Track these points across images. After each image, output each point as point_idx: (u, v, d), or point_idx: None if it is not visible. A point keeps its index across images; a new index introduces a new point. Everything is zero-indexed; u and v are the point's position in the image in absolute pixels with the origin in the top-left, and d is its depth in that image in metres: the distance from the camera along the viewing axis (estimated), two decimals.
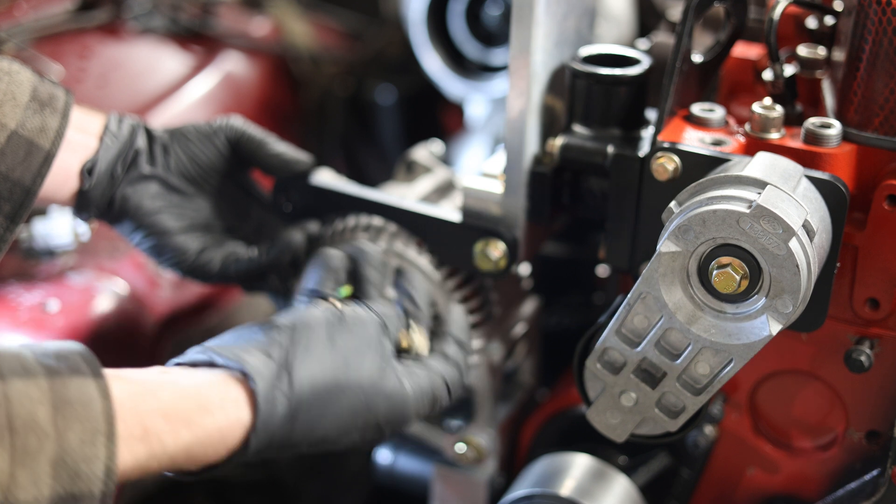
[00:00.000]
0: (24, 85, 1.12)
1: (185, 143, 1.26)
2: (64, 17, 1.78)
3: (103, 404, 0.80)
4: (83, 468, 0.78)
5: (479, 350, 1.28)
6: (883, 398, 1.13)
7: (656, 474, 1.27)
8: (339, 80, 2.09)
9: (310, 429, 0.96)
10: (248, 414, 0.92)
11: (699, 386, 1.01)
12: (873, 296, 1.07)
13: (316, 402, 0.96)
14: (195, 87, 1.82)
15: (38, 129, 1.11)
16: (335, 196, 1.29)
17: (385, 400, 1.02)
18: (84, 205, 1.21)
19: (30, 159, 1.11)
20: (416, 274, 1.21)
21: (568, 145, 1.18)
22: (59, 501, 0.77)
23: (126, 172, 1.22)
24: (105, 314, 1.42)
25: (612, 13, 1.54)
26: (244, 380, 0.93)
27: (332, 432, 0.99)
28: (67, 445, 0.77)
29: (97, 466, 0.78)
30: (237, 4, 2.10)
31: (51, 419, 0.77)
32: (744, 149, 1.07)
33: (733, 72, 1.23)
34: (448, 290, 1.25)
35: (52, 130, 1.12)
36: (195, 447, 0.88)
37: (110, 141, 1.20)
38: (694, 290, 0.97)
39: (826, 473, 1.20)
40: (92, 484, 0.78)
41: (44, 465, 0.76)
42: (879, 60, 1.02)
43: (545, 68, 1.18)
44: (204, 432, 0.88)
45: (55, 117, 1.13)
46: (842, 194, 0.99)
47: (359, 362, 1.01)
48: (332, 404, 0.98)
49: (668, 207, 0.99)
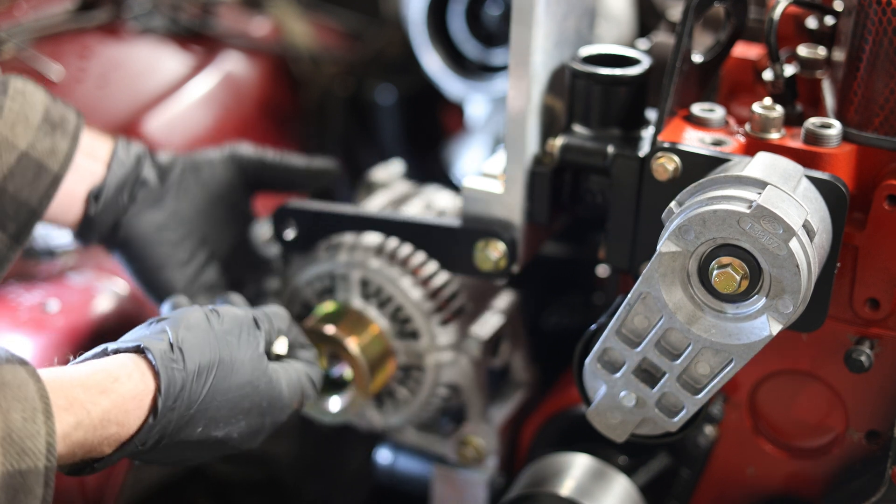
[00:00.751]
0: (38, 106, 1.13)
1: (195, 171, 1.28)
2: (64, 17, 1.78)
3: (36, 385, 0.84)
4: (28, 444, 0.81)
5: (454, 346, 1.28)
6: (883, 398, 1.13)
7: (656, 474, 1.27)
8: (339, 80, 2.09)
9: (204, 402, 0.99)
10: (152, 381, 0.95)
11: (699, 386, 1.01)
12: (873, 296, 1.07)
13: (208, 376, 1.00)
14: (195, 87, 1.82)
15: (48, 151, 1.13)
16: (334, 217, 1.30)
17: (266, 384, 1.06)
18: (87, 230, 1.23)
19: (38, 181, 1.12)
20: None
21: (568, 145, 1.18)
22: (8, 478, 0.80)
23: (131, 201, 1.23)
24: (105, 314, 1.42)
25: (612, 13, 1.54)
26: (143, 354, 0.97)
27: (224, 409, 1.01)
28: (12, 424, 0.81)
29: (39, 442, 0.82)
30: (237, 4, 2.09)
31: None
32: (744, 149, 1.07)
33: (733, 72, 1.23)
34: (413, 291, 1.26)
35: (61, 153, 1.14)
36: (113, 412, 0.91)
37: (118, 168, 1.22)
38: (694, 290, 0.97)
39: (826, 473, 1.20)
40: (37, 459, 0.82)
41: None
42: (879, 60, 1.02)
43: (545, 68, 1.18)
44: (120, 397, 0.92)
45: (65, 140, 1.14)
46: (842, 194, 0.99)
47: (238, 345, 1.04)
48: (222, 380, 1.01)
49: (669, 207, 0.99)
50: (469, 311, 1.31)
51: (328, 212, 1.31)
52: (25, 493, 0.82)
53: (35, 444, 0.82)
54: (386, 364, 1.27)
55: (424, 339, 1.27)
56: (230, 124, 1.82)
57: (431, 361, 1.28)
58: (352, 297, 1.28)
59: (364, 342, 1.24)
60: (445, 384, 1.30)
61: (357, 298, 1.28)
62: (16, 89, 1.12)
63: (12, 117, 1.10)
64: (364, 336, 1.25)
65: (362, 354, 1.23)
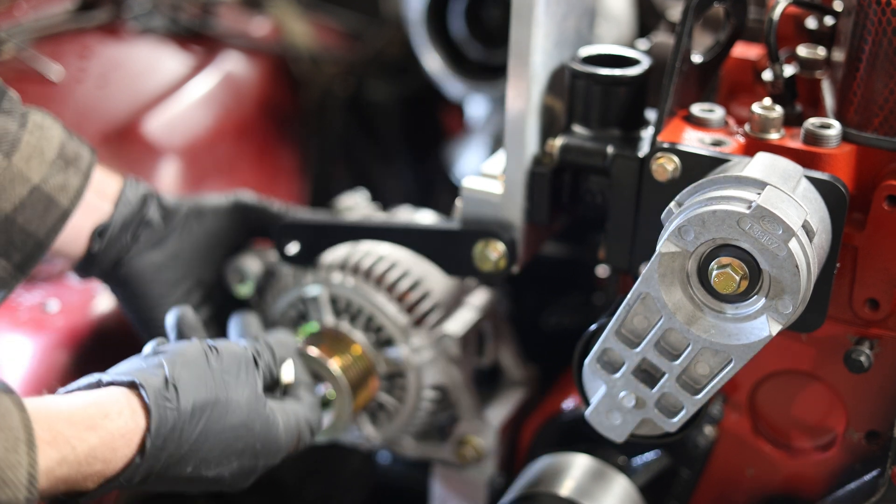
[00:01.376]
0: (54, 141, 1.15)
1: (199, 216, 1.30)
2: (64, 17, 1.78)
3: (20, 415, 0.83)
4: (9, 475, 0.80)
5: (429, 345, 1.28)
6: (883, 398, 1.13)
7: (656, 474, 1.27)
8: (339, 80, 2.09)
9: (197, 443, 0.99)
10: (143, 419, 0.94)
11: (699, 386, 1.01)
12: (873, 296, 1.07)
13: (202, 415, 0.99)
14: (195, 87, 1.82)
15: (59, 186, 1.14)
16: (334, 228, 1.32)
17: (262, 425, 1.05)
18: (88, 265, 1.24)
19: (47, 215, 1.14)
20: None
21: (567, 146, 1.18)
22: None
23: (134, 241, 1.24)
24: (105, 314, 1.42)
25: (612, 13, 1.54)
26: (136, 390, 0.96)
27: (217, 450, 1.01)
28: None
29: (21, 473, 0.81)
30: (237, 4, 2.09)
31: None
32: (743, 149, 1.07)
33: (733, 72, 1.23)
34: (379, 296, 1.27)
35: (72, 189, 1.16)
36: (100, 450, 0.90)
37: (124, 207, 1.23)
38: (694, 290, 0.97)
39: (826, 473, 1.20)
40: (17, 490, 0.81)
41: None
42: (879, 60, 1.02)
43: (545, 69, 1.18)
44: (108, 434, 0.91)
45: (77, 177, 1.16)
46: (841, 194, 0.99)
47: (235, 385, 1.04)
48: (216, 421, 1.01)
49: (668, 208, 0.98)
50: (442, 309, 1.31)
51: (328, 224, 1.33)
52: None
53: (16, 476, 0.81)
54: (368, 382, 1.28)
55: (400, 343, 1.28)
56: (230, 124, 1.82)
57: (411, 365, 1.28)
58: (324, 316, 1.29)
59: (346, 363, 1.26)
60: (430, 386, 1.30)
61: (329, 316, 1.29)
62: (35, 123, 1.14)
63: (28, 151, 1.12)
64: (346, 356, 1.27)
65: (344, 375, 1.24)
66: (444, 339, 1.28)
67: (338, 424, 1.27)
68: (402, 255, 1.30)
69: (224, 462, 1.03)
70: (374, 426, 1.34)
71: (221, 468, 1.03)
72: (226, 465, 1.03)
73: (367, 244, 1.31)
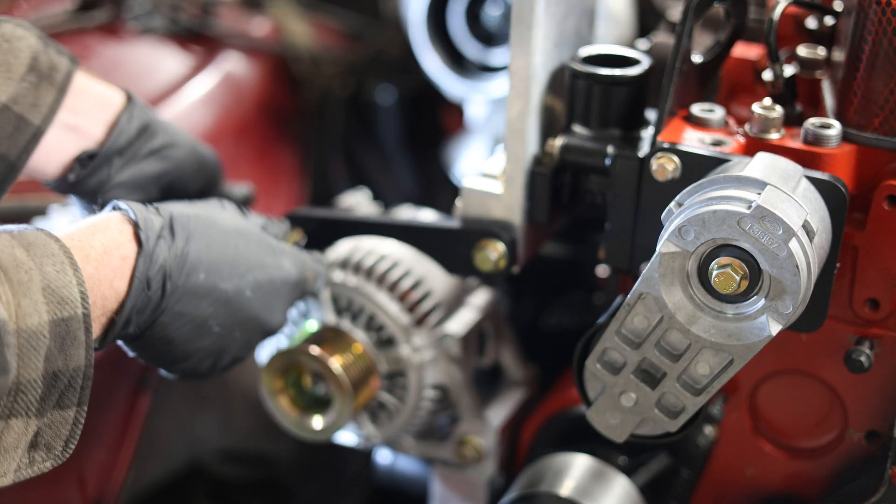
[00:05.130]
0: (23, 54, 1.08)
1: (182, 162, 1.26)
2: (64, 17, 1.78)
3: (58, 243, 0.90)
4: (65, 293, 0.87)
5: (431, 345, 1.28)
6: (883, 398, 1.13)
7: (656, 474, 1.27)
8: (339, 80, 2.09)
9: (196, 244, 1.04)
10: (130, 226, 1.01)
11: (699, 386, 1.01)
12: (873, 296, 1.07)
13: (187, 221, 1.05)
14: (195, 88, 1.82)
15: (30, 104, 1.09)
16: (340, 223, 1.32)
17: (259, 239, 1.11)
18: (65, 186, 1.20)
19: (17, 135, 1.08)
20: None
21: (568, 146, 1.18)
22: (54, 326, 0.86)
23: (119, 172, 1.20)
24: None
25: (612, 13, 1.54)
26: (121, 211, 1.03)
27: (220, 256, 1.06)
28: (48, 276, 0.86)
29: (73, 291, 0.88)
30: (237, 4, 2.09)
31: (28, 257, 0.86)
32: (744, 149, 1.07)
33: (733, 72, 1.23)
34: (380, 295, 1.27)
35: (44, 106, 1.10)
36: (111, 245, 0.97)
37: (118, 138, 1.18)
38: (694, 290, 0.97)
39: (826, 473, 1.20)
40: (75, 306, 0.88)
41: (37, 293, 0.85)
42: (879, 60, 1.02)
43: (545, 69, 1.18)
44: (111, 234, 0.98)
45: (50, 92, 1.10)
46: (841, 194, 0.99)
47: (219, 210, 1.11)
48: (205, 226, 1.06)
49: (668, 208, 0.98)
50: (444, 309, 1.31)
51: (334, 218, 1.33)
52: (71, 339, 0.87)
53: (70, 293, 0.88)
54: (369, 381, 1.28)
55: (401, 343, 1.28)
56: (230, 124, 1.82)
57: (412, 364, 1.28)
58: (325, 314, 1.29)
59: (347, 361, 1.26)
60: (431, 385, 1.30)
61: (331, 315, 1.29)
62: (2, 35, 1.07)
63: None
64: (347, 355, 1.27)
65: (345, 373, 1.24)
66: (446, 338, 1.28)
67: (338, 423, 1.27)
68: (404, 254, 1.30)
69: (236, 272, 1.07)
70: (375, 425, 1.34)
71: (236, 280, 1.07)
72: (240, 277, 1.07)
73: (369, 242, 1.31)
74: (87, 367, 0.89)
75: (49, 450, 0.89)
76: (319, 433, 1.28)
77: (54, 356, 0.86)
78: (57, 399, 0.88)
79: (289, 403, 1.29)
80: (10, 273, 0.84)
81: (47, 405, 0.87)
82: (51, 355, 0.85)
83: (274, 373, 1.28)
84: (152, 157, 1.22)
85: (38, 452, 0.88)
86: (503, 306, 1.45)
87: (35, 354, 0.84)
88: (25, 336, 0.83)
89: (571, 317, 1.51)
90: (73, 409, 0.90)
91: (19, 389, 0.84)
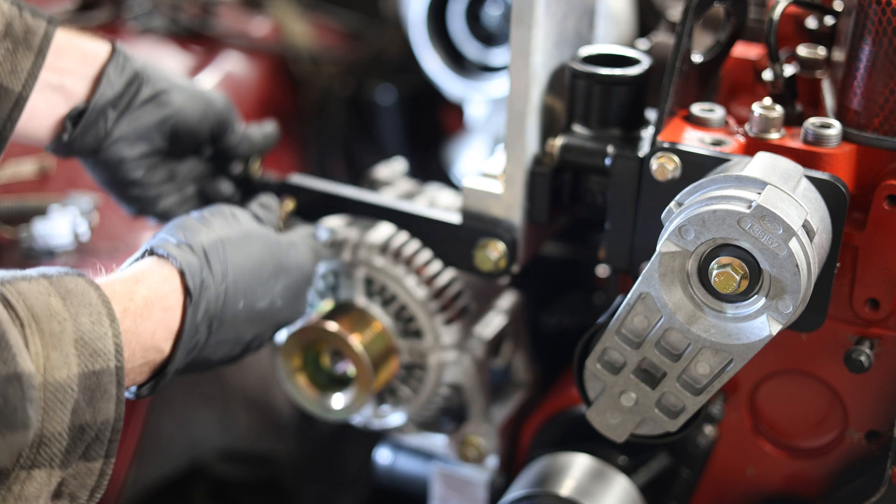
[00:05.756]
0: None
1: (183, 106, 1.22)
2: (64, 17, 1.78)
3: (97, 291, 0.89)
4: (98, 345, 0.86)
5: (457, 345, 1.28)
6: (883, 398, 1.13)
7: (656, 474, 1.27)
8: (339, 80, 2.09)
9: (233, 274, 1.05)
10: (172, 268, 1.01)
11: (699, 386, 1.01)
12: (873, 296, 1.07)
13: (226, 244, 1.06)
14: None
15: (8, 71, 1.05)
16: (335, 199, 1.30)
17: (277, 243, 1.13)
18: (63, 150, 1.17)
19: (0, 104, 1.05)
20: None
21: (568, 146, 1.18)
22: (84, 379, 0.85)
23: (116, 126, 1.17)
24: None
25: (612, 13, 1.54)
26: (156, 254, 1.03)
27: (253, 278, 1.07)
28: (82, 327, 0.86)
29: (108, 343, 0.87)
30: (237, 4, 2.10)
31: (63, 306, 0.85)
32: (744, 149, 1.07)
33: (733, 72, 1.23)
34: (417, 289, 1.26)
35: (23, 72, 1.06)
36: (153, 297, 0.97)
37: (106, 90, 1.15)
38: (694, 290, 0.97)
39: (826, 473, 1.20)
40: (108, 360, 0.87)
41: (68, 345, 0.84)
42: (879, 60, 1.02)
43: (545, 69, 1.18)
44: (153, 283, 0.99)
45: (28, 57, 1.07)
46: (842, 194, 0.99)
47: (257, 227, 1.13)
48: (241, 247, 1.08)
49: (668, 208, 0.98)
50: (473, 310, 1.31)
51: (329, 192, 1.30)
52: (101, 392, 0.86)
53: (105, 346, 0.87)
54: (389, 361, 1.27)
55: (428, 338, 1.27)
56: None
57: (435, 361, 1.28)
58: (355, 294, 1.28)
59: (367, 339, 1.24)
60: (448, 384, 1.30)
61: (361, 296, 1.28)
62: None
63: None
64: (367, 333, 1.25)
65: (365, 351, 1.23)
66: (473, 340, 1.28)
67: (358, 402, 1.25)
68: None
69: (267, 290, 1.09)
70: (380, 408, 1.33)
71: (268, 296, 1.09)
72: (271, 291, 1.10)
73: None
74: (116, 420, 0.88)
75: (73, 498, 0.88)
76: (339, 412, 1.27)
77: (82, 409, 0.85)
78: (83, 451, 0.87)
79: (307, 382, 1.28)
80: (42, 323, 0.83)
81: (72, 457, 0.86)
82: (78, 408, 0.84)
83: (292, 351, 1.26)
84: (149, 104, 1.19)
85: (62, 501, 0.87)
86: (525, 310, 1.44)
87: (61, 408, 0.83)
88: (52, 389, 0.82)
89: (571, 317, 1.51)
90: (99, 462, 0.89)
91: (42, 442, 0.83)
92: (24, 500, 0.83)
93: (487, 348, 1.30)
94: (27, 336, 0.81)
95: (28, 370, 0.80)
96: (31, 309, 0.83)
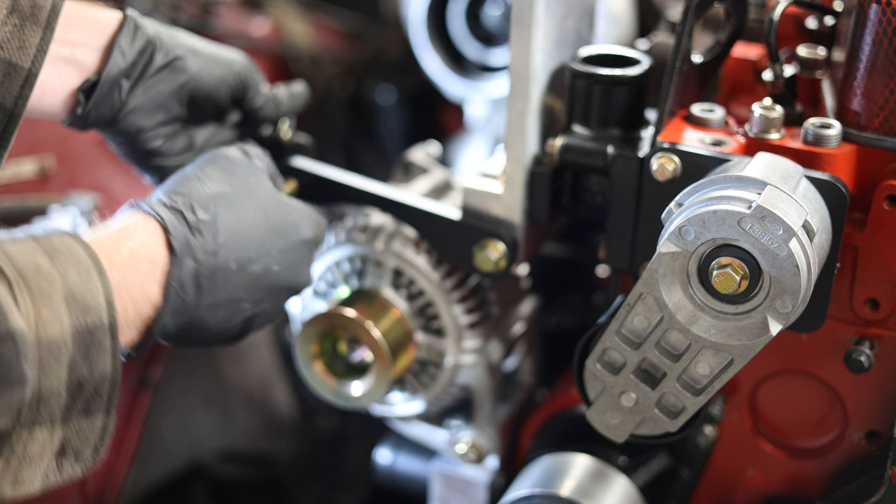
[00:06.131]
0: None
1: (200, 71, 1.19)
2: None
3: (84, 248, 0.89)
4: (89, 300, 0.86)
5: (477, 349, 1.28)
6: (883, 398, 1.13)
7: (656, 474, 1.27)
8: (339, 80, 2.09)
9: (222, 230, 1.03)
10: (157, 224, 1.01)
11: (699, 386, 1.01)
12: (873, 296, 1.07)
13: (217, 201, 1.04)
14: None
15: (16, 48, 1.04)
16: (338, 186, 1.29)
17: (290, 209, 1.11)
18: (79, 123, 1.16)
19: (9, 81, 1.04)
20: None
21: (568, 146, 1.18)
22: (78, 334, 0.85)
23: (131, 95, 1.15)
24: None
25: (612, 13, 1.54)
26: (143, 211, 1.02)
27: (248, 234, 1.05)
28: (71, 283, 0.86)
29: (99, 297, 0.87)
30: (237, 4, 2.10)
31: (51, 264, 0.85)
32: (744, 149, 1.07)
33: (733, 72, 1.23)
34: (446, 290, 1.25)
35: (32, 47, 1.05)
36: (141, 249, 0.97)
37: (118, 60, 1.13)
38: (694, 290, 0.97)
39: (826, 473, 1.20)
40: (100, 313, 0.87)
41: (59, 302, 0.84)
42: (879, 60, 1.02)
43: (545, 69, 1.18)
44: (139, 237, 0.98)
45: (36, 32, 1.05)
46: (842, 194, 1.00)
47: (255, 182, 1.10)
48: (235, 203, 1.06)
49: (668, 208, 0.99)
50: (495, 316, 1.31)
51: (331, 179, 1.29)
52: (96, 346, 0.87)
53: (96, 299, 0.87)
54: (407, 348, 1.26)
55: (450, 338, 1.27)
56: None
57: (451, 361, 1.28)
58: (382, 284, 1.27)
59: (385, 326, 1.24)
60: (459, 385, 1.30)
61: (387, 287, 1.27)
62: None
63: None
64: (385, 320, 1.24)
65: (384, 338, 1.22)
66: (492, 346, 1.28)
67: (377, 390, 1.24)
68: None
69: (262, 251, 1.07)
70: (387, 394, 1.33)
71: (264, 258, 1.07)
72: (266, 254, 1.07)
73: None
74: (113, 373, 0.88)
75: (78, 456, 0.89)
76: (358, 400, 1.26)
77: (78, 365, 0.85)
78: (83, 407, 0.87)
79: (324, 370, 1.27)
80: (30, 282, 0.83)
81: (72, 413, 0.87)
82: (74, 364, 0.85)
83: (309, 338, 1.26)
84: (163, 72, 1.16)
85: (67, 459, 0.88)
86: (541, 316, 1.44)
87: (57, 364, 0.84)
88: (46, 346, 0.83)
89: (571, 317, 1.51)
90: (100, 417, 0.89)
91: (41, 399, 0.83)
92: (28, 459, 0.84)
93: (504, 354, 1.30)
94: (16, 295, 0.82)
95: (20, 328, 0.80)
96: (19, 268, 0.83)
